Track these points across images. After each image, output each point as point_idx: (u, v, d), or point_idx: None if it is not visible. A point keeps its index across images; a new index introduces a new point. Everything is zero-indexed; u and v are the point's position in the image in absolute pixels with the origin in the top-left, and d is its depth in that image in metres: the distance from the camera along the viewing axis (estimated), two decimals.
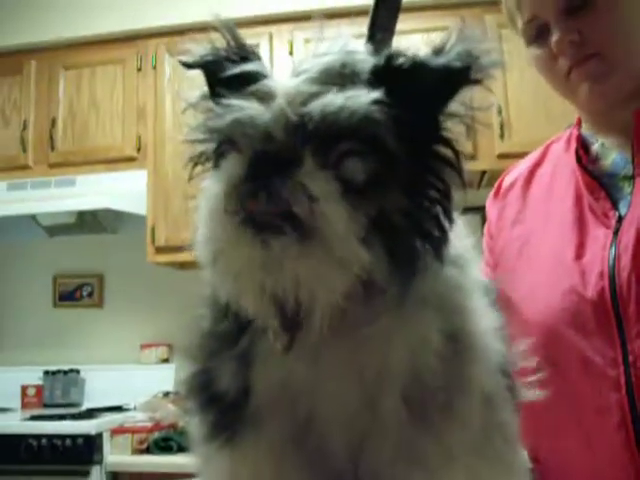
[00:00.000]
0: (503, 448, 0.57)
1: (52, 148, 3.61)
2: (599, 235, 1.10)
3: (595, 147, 1.21)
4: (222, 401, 0.54)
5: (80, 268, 4.00)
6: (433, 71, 0.47)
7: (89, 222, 3.73)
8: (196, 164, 0.59)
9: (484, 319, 0.54)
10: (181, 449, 2.94)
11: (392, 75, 0.48)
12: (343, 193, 0.45)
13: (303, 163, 0.45)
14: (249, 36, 3.33)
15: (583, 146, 1.22)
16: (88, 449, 2.93)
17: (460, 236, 0.54)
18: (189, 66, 0.60)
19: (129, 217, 3.55)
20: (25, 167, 3.64)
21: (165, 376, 3.65)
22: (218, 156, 0.52)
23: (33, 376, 3.76)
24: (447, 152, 0.48)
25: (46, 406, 3.66)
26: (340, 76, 0.49)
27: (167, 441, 2.98)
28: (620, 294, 1.04)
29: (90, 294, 3.98)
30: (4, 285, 4.07)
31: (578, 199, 1.16)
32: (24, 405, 3.71)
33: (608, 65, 1.11)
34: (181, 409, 3.16)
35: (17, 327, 4.02)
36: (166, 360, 3.77)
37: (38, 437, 2.96)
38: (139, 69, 3.56)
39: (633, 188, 1.11)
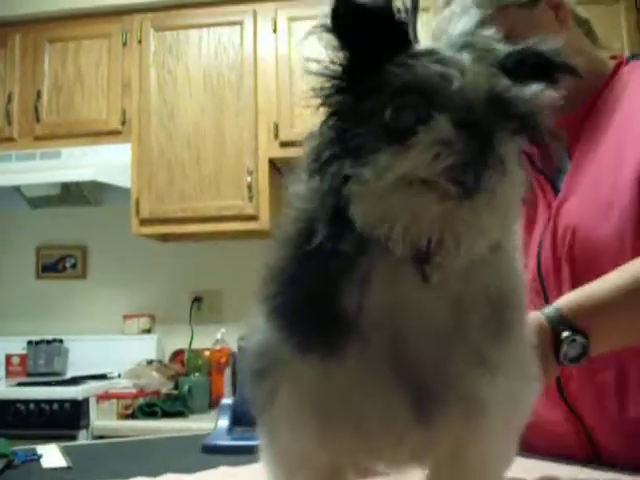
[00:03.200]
0: (526, 359, 0.70)
1: (37, 121, 3.65)
2: (540, 221, 1.32)
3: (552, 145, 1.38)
4: (333, 318, 0.59)
5: (63, 240, 4.06)
6: (557, 67, 0.60)
7: (73, 194, 3.78)
8: (323, 99, 0.57)
9: (521, 263, 0.69)
10: (165, 414, 3.04)
11: (528, 67, 0.58)
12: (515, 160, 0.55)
13: (502, 138, 0.53)
14: (233, 13, 3.41)
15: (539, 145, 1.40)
16: (75, 414, 3.01)
17: None
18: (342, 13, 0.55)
19: (113, 189, 3.60)
20: (10, 139, 3.67)
21: (147, 346, 3.75)
22: (398, 108, 0.54)
23: (17, 346, 3.82)
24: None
25: (30, 375, 3.71)
26: (492, 58, 0.56)
27: (151, 407, 3.07)
28: (543, 270, 1.27)
29: (73, 266, 4.04)
30: None
31: (533, 193, 1.34)
32: (8, 374, 3.77)
33: None
34: (164, 376, 3.25)
35: (0, 298, 4.07)
36: (148, 330, 3.85)
37: (26, 402, 3.03)
38: (124, 43, 3.59)
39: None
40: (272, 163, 3.40)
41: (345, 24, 0.55)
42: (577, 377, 1.23)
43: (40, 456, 1.40)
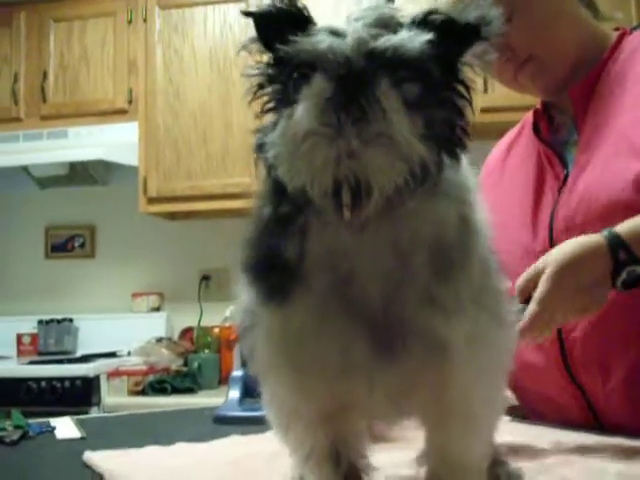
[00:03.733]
0: (495, 304, 0.73)
1: (44, 100, 3.66)
2: (549, 193, 1.34)
3: (560, 118, 1.43)
4: (282, 268, 0.65)
5: (72, 220, 4.07)
6: (459, 25, 0.63)
7: (80, 174, 3.80)
8: (259, 89, 0.67)
9: (482, 212, 0.72)
10: (175, 391, 3.07)
11: (429, 26, 0.62)
12: (405, 106, 0.59)
13: (380, 83, 0.58)
14: None
15: (548, 118, 1.45)
16: (86, 391, 3.05)
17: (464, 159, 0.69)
18: (251, 15, 0.68)
19: (120, 168, 3.63)
20: (17, 119, 3.69)
21: (156, 324, 3.77)
22: (296, 80, 0.61)
23: (27, 326, 3.86)
24: (463, 89, 0.64)
25: (41, 354, 3.75)
26: (390, 24, 0.62)
27: (161, 383, 3.10)
28: (556, 241, 1.25)
29: (82, 245, 4.06)
30: None
31: (539, 167, 1.40)
32: (20, 353, 3.81)
33: (541, 63, 1.34)
34: (173, 353, 3.28)
35: (10, 278, 4.10)
36: (157, 309, 3.87)
37: (38, 380, 3.07)
38: (130, 21, 3.60)
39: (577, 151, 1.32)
40: None
41: (261, 30, 0.67)
42: (580, 346, 1.24)
43: (54, 428, 1.42)
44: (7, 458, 1.21)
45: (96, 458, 1.09)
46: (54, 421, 1.47)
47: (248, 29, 2.41)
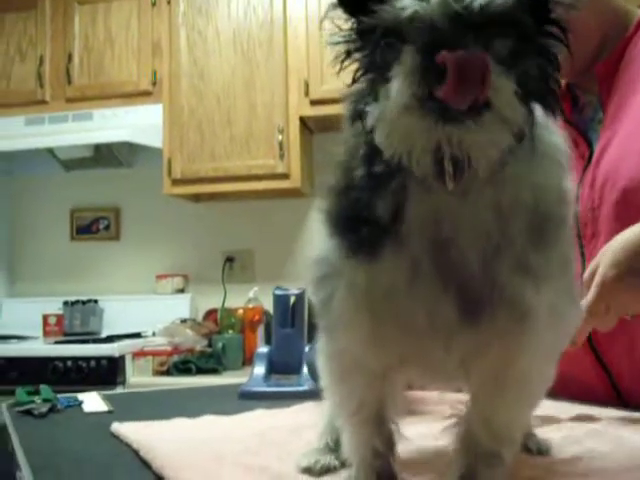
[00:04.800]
0: (572, 278, 0.74)
1: (69, 83, 3.67)
2: (575, 175, 1.29)
3: (584, 98, 1.42)
4: (372, 225, 0.65)
5: (97, 202, 4.10)
6: None
7: (105, 156, 3.82)
8: (347, 57, 0.65)
9: (572, 180, 0.71)
10: (199, 371, 3.09)
11: None
12: (500, 67, 0.56)
13: (469, 47, 0.55)
14: None
15: (570, 97, 1.44)
16: (112, 371, 3.08)
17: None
18: None
19: (145, 150, 3.64)
20: (42, 102, 3.71)
21: (180, 305, 3.80)
22: (383, 49, 0.60)
23: (53, 306, 3.89)
24: (558, 31, 0.62)
25: (66, 334, 3.78)
26: None
27: (186, 364, 3.12)
28: (582, 220, 1.28)
29: (107, 227, 4.08)
30: (23, 218, 4.18)
31: None
32: (46, 333, 3.84)
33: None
34: (198, 334, 3.30)
35: (36, 259, 4.14)
36: (181, 290, 3.89)
37: (64, 359, 3.09)
38: (154, 3, 3.59)
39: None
40: (303, 121, 3.40)
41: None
42: None
43: (81, 402, 1.44)
44: (36, 430, 1.23)
45: (123, 429, 1.10)
46: (81, 396, 1.49)
47: (272, 10, 2.43)
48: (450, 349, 0.67)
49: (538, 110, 0.61)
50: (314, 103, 3.29)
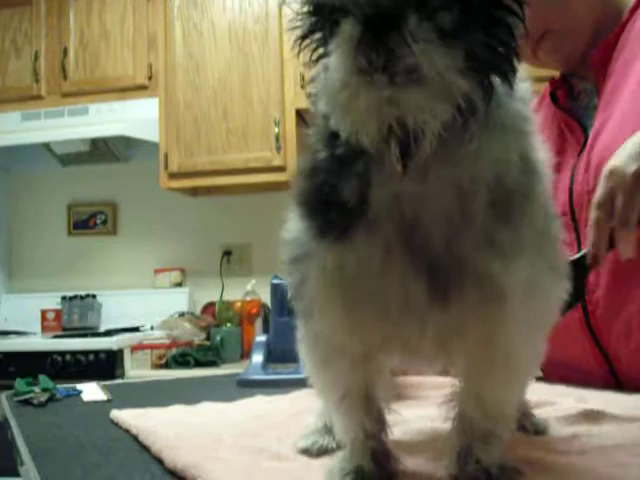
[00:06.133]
0: (552, 252, 0.72)
1: (64, 78, 3.67)
2: (570, 159, 1.33)
3: (580, 85, 1.43)
4: (340, 207, 0.65)
5: (94, 197, 4.11)
6: None
7: (102, 150, 3.82)
8: (304, 39, 0.65)
9: (541, 150, 0.70)
10: (197, 364, 3.10)
11: None
12: (440, 38, 0.56)
13: (408, 18, 0.55)
14: None
15: (566, 86, 1.45)
16: (110, 364, 3.09)
17: (519, 81, 0.66)
18: None
19: (141, 144, 3.65)
20: (38, 97, 3.71)
21: (179, 299, 3.80)
22: (331, 26, 0.60)
23: (51, 302, 3.90)
24: (513, 4, 0.60)
25: (65, 329, 3.79)
26: None
27: (184, 356, 3.13)
28: (576, 204, 1.28)
29: (104, 222, 4.09)
30: (20, 214, 4.19)
31: (560, 135, 1.39)
32: (44, 328, 3.85)
33: (558, 37, 1.35)
34: (196, 327, 3.30)
35: (34, 255, 4.15)
36: (179, 284, 3.90)
37: (62, 353, 3.11)
38: None
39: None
40: (299, 114, 3.40)
41: None
42: (604, 310, 1.24)
43: (80, 391, 1.44)
44: (36, 418, 1.23)
45: (122, 415, 1.10)
46: (80, 386, 1.50)
47: (267, 3, 2.44)
48: (424, 330, 0.66)
49: (498, 82, 0.60)
50: (310, 95, 3.29)
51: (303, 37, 0.65)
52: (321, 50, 0.64)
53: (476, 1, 0.58)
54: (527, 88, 0.70)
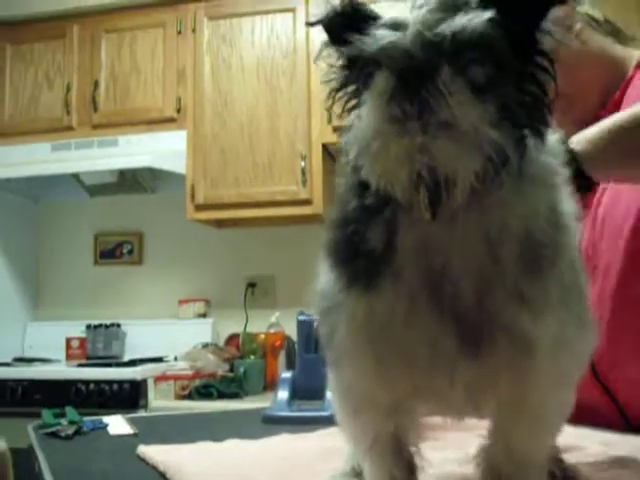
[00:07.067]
0: (580, 305, 0.71)
1: (95, 110, 3.73)
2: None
3: None
4: (368, 256, 0.65)
5: (120, 227, 4.14)
6: None
7: (129, 181, 3.87)
8: (338, 91, 0.68)
9: (570, 203, 0.70)
10: (221, 395, 3.10)
11: (496, 1, 0.60)
12: (472, 92, 0.57)
13: (441, 72, 0.57)
14: (285, 0, 3.43)
15: None
16: (134, 394, 3.09)
17: (550, 134, 0.67)
18: (314, 24, 0.70)
19: (168, 176, 3.68)
20: (69, 128, 3.76)
21: (202, 330, 3.81)
22: (365, 78, 0.62)
23: (76, 330, 3.92)
24: (544, 61, 0.62)
25: (89, 358, 3.81)
26: (455, 5, 0.60)
27: (207, 388, 3.13)
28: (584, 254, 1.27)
29: (130, 252, 4.12)
30: (48, 243, 4.23)
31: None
32: (69, 356, 3.87)
33: (570, 100, 1.37)
34: (219, 359, 3.31)
35: (60, 284, 4.18)
36: (203, 315, 3.91)
37: (86, 382, 3.12)
38: (179, 32, 3.65)
39: None
40: (325, 148, 3.42)
41: (332, 31, 0.67)
42: (608, 356, 1.24)
43: (107, 425, 1.45)
44: (63, 451, 1.24)
45: (150, 451, 1.11)
46: (106, 419, 1.50)
47: (295, 38, 2.48)
48: (454, 381, 0.66)
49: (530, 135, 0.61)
50: (337, 130, 3.32)
51: (337, 89, 0.67)
52: (354, 101, 0.65)
53: (508, 57, 0.59)
54: (557, 141, 0.71)
